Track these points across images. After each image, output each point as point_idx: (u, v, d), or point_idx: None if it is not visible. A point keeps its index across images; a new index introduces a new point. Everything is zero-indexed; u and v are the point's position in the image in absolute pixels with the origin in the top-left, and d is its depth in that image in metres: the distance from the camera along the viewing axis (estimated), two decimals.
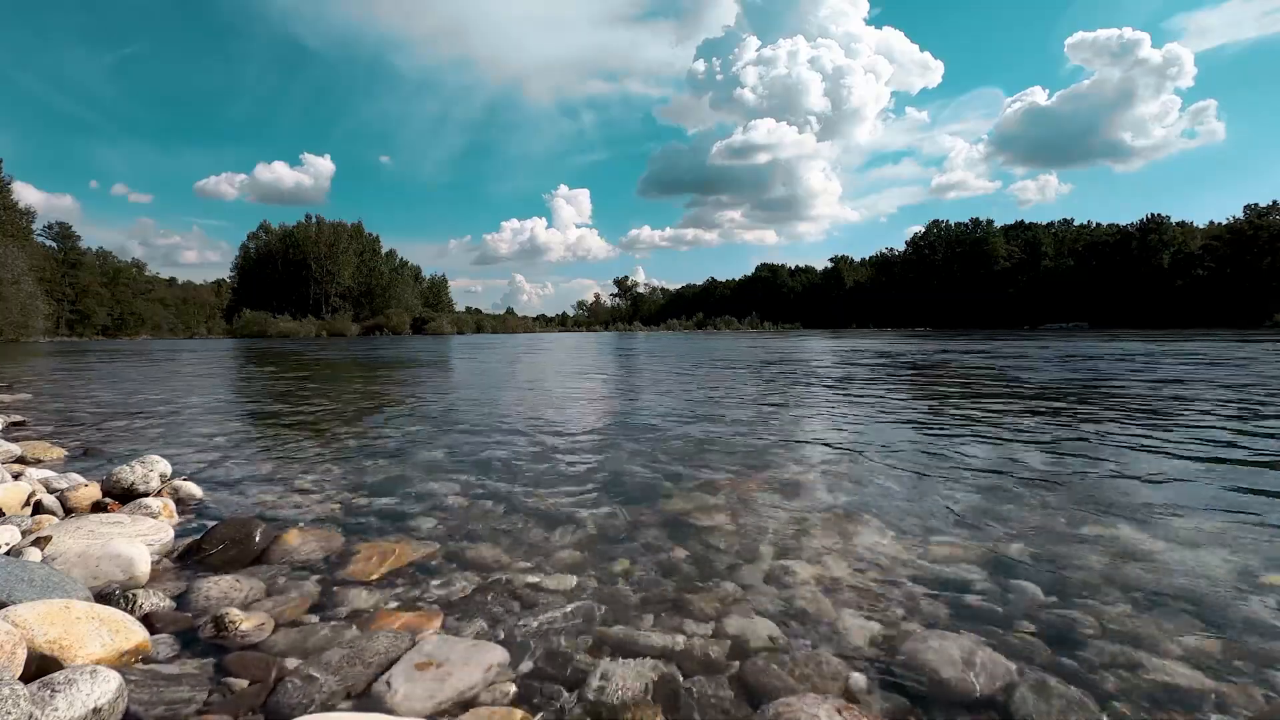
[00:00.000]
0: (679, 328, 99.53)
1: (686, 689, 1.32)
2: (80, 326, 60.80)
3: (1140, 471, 3.10)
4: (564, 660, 1.42)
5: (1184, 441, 3.82)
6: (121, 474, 2.62)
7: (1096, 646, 1.46)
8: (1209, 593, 1.73)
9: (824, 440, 4.07)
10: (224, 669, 1.37)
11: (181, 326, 71.97)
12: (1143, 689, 1.30)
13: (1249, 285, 58.44)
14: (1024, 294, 76.41)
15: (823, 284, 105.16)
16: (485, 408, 5.94)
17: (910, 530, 2.27)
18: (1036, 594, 1.74)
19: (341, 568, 1.93)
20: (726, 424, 4.75)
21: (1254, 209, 62.44)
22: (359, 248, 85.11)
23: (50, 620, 1.34)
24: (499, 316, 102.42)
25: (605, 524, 2.37)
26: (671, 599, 1.73)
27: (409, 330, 76.75)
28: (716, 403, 6.12)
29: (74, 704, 1.11)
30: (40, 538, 1.86)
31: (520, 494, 2.79)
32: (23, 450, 3.45)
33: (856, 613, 1.63)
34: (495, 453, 3.72)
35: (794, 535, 2.23)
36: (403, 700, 1.24)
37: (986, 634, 1.52)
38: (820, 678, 1.35)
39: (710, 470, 3.22)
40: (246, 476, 3.15)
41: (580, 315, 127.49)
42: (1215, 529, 2.24)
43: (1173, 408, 5.28)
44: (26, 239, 55.64)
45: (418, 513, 2.51)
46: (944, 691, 1.30)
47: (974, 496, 2.69)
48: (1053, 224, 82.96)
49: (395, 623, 1.57)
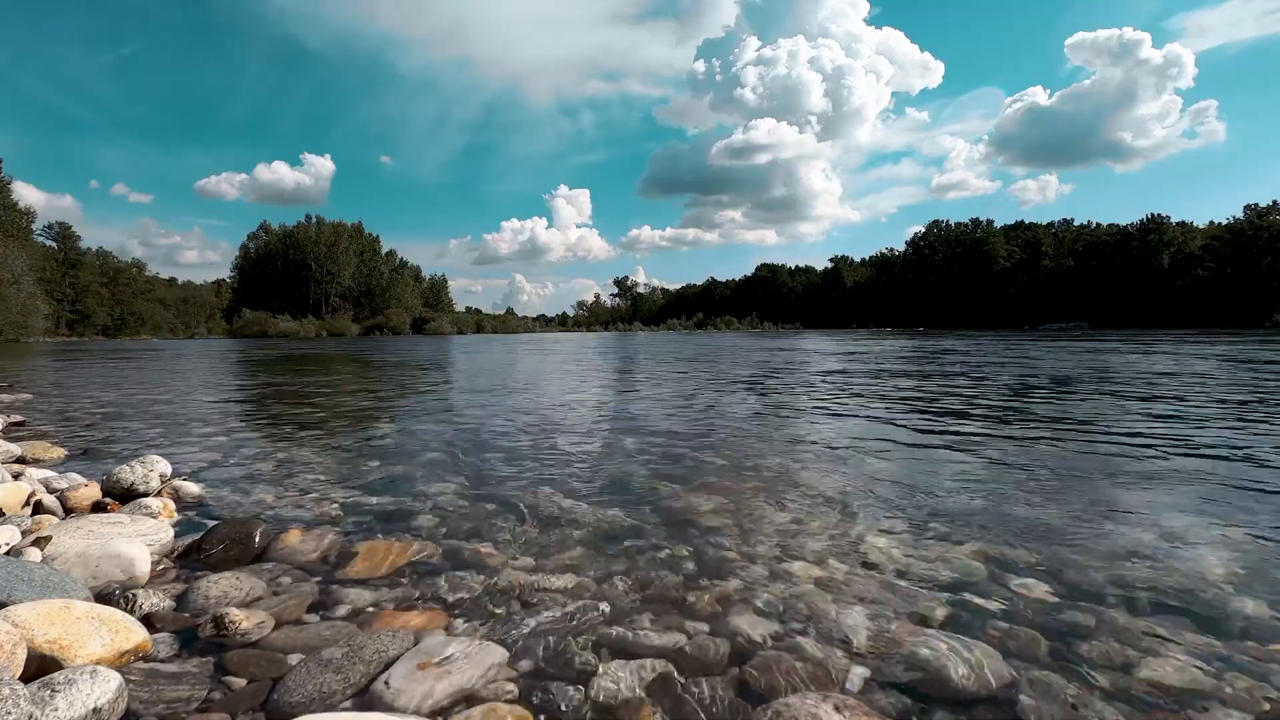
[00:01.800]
0: (679, 328, 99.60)
1: (687, 688, 1.32)
2: (80, 326, 60.80)
3: (1140, 471, 3.10)
4: (564, 659, 1.42)
5: (1183, 441, 3.82)
6: (121, 474, 2.62)
7: (1097, 645, 1.46)
8: (1209, 592, 1.73)
9: (824, 440, 4.07)
10: (224, 668, 1.37)
11: (181, 326, 71.95)
12: (1143, 688, 1.30)
13: (1249, 285, 58.46)
14: (1024, 294, 76.42)
15: (823, 284, 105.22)
16: (485, 407, 5.94)
17: (910, 530, 2.27)
18: (1036, 593, 1.73)
19: (341, 567, 1.93)
20: (726, 424, 4.75)
21: (1254, 209, 62.49)
22: (359, 248, 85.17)
23: (50, 620, 1.33)
24: (499, 316, 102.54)
25: (605, 523, 2.37)
26: (672, 598, 1.73)
27: (409, 330, 76.78)
28: (716, 403, 6.12)
29: (74, 704, 1.11)
30: (40, 538, 1.86)
31: (520, 493, 2.78)
32: (23, 450, 3.44)
33: (856, 612, 1.63)
34: (495, 452, 3.72)
35: (794, 534, 2.22)
36: (403, 699, 1.24)
37: (986, 633, 1.52)
38: (820, 677, 1.35)
39: (710, 470, 3.22)
40: (246, 476, 3.15)
41: (580, 315, 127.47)
42: (1215, 528, 2.24)
43: (1172, 408, 5.28)
44: (26, 239, 55.65)
45: (418, 512, 2.51)
46: (944, 691, 1.30)
47: (974, 496, 2.69)
48: (1053, 224, 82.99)
49: (395, 622, 1.57)
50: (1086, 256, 72.66)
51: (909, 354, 14.96)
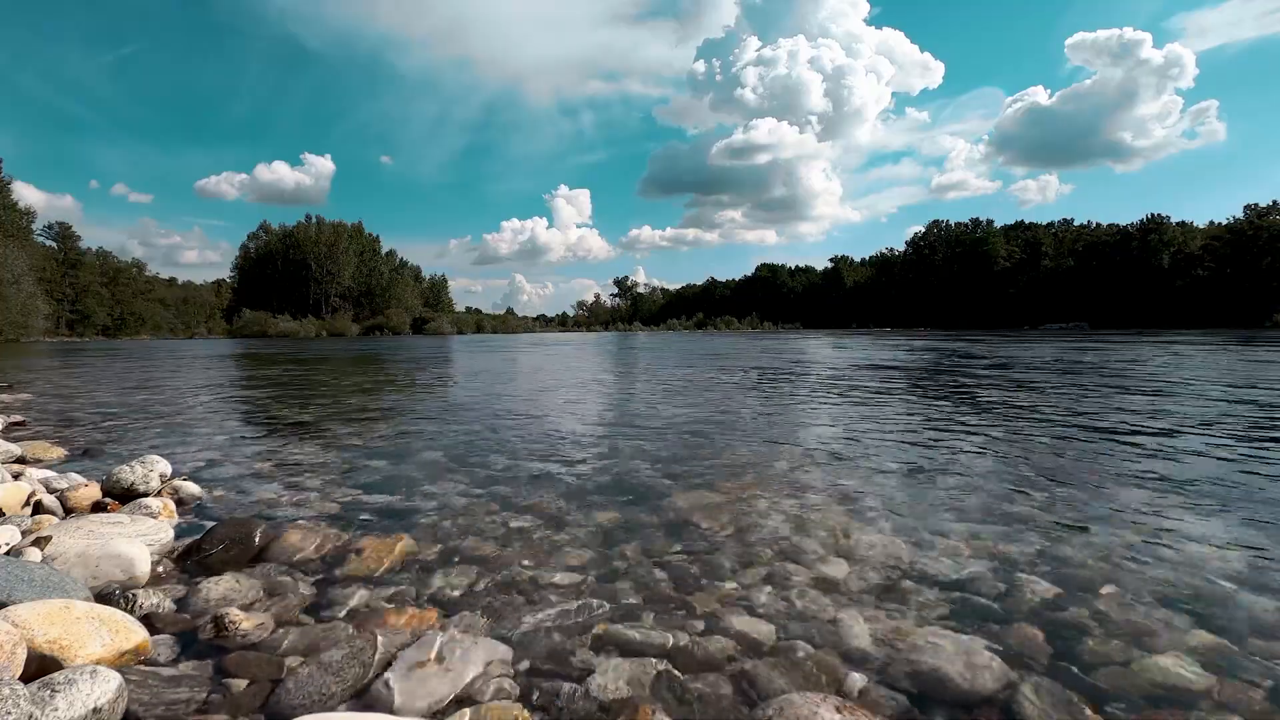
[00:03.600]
0: (679, 328, 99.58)
1: (686, 687, 1.32)
2: (80, 326, 60.77)
3: (1142, 470, 3.10)
4: (564, 658, 1.42)
5: (1184, 441, 3.82)
6: (121, 474, 2.62)
7: (1097, 645, 1.46)
8: (1209, 591, 1.73)
9: (824, 440, 4.07)
10: (224, 669, 1.37)
11: (181, 326, 71.88)
12: (1143, 688, 1.30)
13: (1249, 285, 58.45)
14: (1024, 294, 76.38)
15: (823, 284, 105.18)
16: (485, 407, 5.94)
17: (910, 529, 2.27)
18: (1036, 592, 1.74)
19: (341, 566, 1.93)
20: (726, 424, 4.75)
21: (1254, 209, 62.46)
22: (359, 248, 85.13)
23: (50, 620, 1.33)
24: (499, 316, 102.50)
25: (605, 522, 2.37)
26: (671, 597, 1.73)
27: (409, 330, 76.77)
28: (716, 403, 6.12)
29: (74, 704, 1.11)
30: (40, 538, 1.86)
31: (520, 492, 2.79)
32: (23, 450, 3.45)
33: (856, 611, 1.63)
34: (494, 451, 3.72)
35: (794, 534, 2.23)
36: (403, 699, 1.24)
37: (987, 632, 1.52)
38: (820, 676, 1.35)
39: (710, 469, 3.22)
40: (246, 476, 3.15)
41: (580, 315, 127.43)
42: (1217, 526, 2.24)
43: (1173, 408, 5.28)
44: (26, 239, 55.60)
45: (417, 511, 2.51)
46: (944, 690, 1.30)
47: (973, 495, 2.69)
48: (1053, 224, 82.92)
49: (395, 621, 1.58)
50: (1086, 256, 72.62)
51: (909, 354, 14.97)
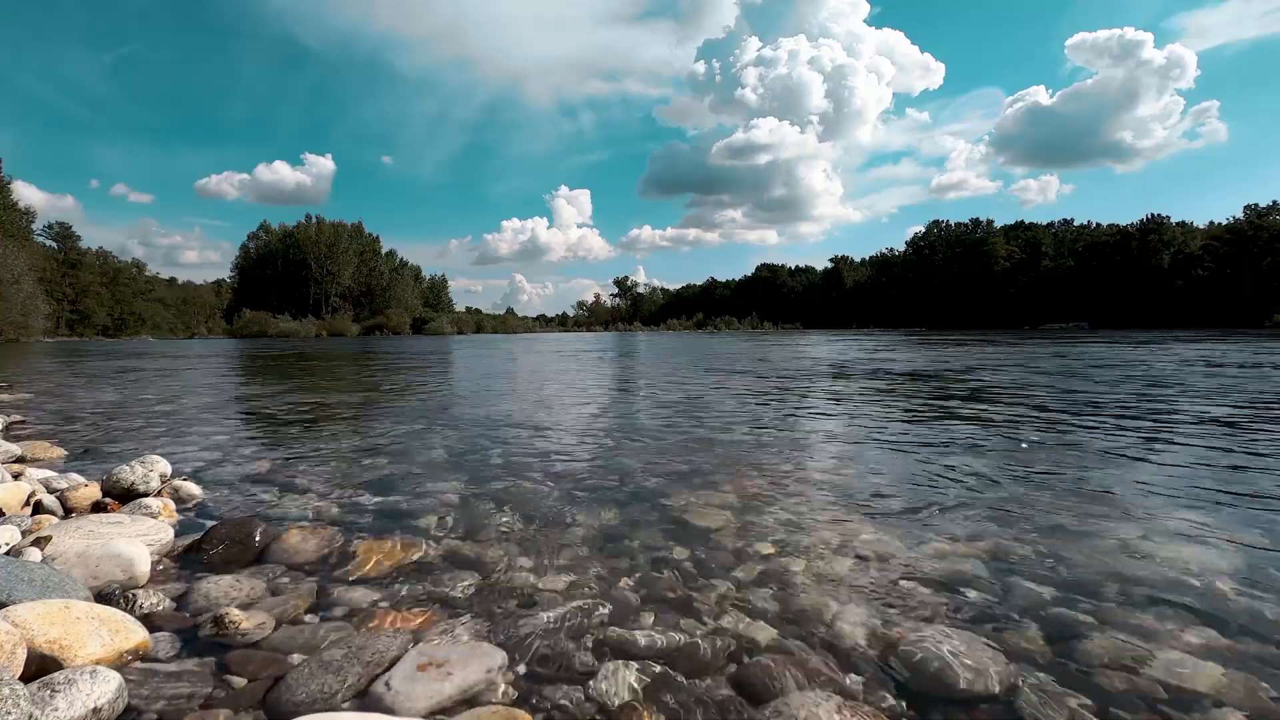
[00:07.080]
0: (679, 328, 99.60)
1: (686, 689, 1.32)
2: (80, 326, 60.76)
3: (1140, 471, 3.10)
4: (564, 660, 1.42)
5: (1185, 440, 3.81)
6: (121, 474, 2.62)
7: (1097, 645, 1.45)
8: (1213, 589, 1.73)
9: (823, 440, 4.07)
10: (224, 668, 1.37)
11: (182, 326, 71.90)
12: (1143, 688, 1.30)
13: (1249, 285, 58.42)
14: (1024, 294, 76.35)
15: (823, 284, 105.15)
16: (485, 407, 5.94)
17: (909, 529, 2.27)
18: (1036, 592, 1.73)
19: (341, 567, 1.93)
20: (726, 424, 4.75)
21: (1254, 209, 62.43)
22: (359, 248, 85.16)
23: (50, 620, 1.33)
24: (499, 317, 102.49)
25: (605, 523, 2.37)
26: (671, 599, 1.73)
27: (409, 330, 76.77)
28: (716, 403, 6.12)
29: (74, 704, 1.11)
30: (40, 538, 1.86)
31: (520, 493, 2.78)
32: (23, 450, 3.45)
33: (856, 611, 1.63)
34: (495, 452, 3.72)
35: (793, 533, 2.22)
36: (403, 700, 1.24)
37: (986, 632, 1.52)
38: (820, 677, 1.35)
39: (710, 469, 3.22)
40: (246, 476, 3.15)
41: (580, 315, 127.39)
42: (1218, 525, 2.24)
43: (1172, 408, 5.27)
44: (27, 239, 55.66)
45: (418, 512, 2.51)
46: (944, 690, 1.30)
47: (972, 495, 2.69)
48: (1053, 224, 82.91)
49: (396, 622, 1.58)
50: (1087, 256, 72.59)
51: (909, 354, 14.96)
